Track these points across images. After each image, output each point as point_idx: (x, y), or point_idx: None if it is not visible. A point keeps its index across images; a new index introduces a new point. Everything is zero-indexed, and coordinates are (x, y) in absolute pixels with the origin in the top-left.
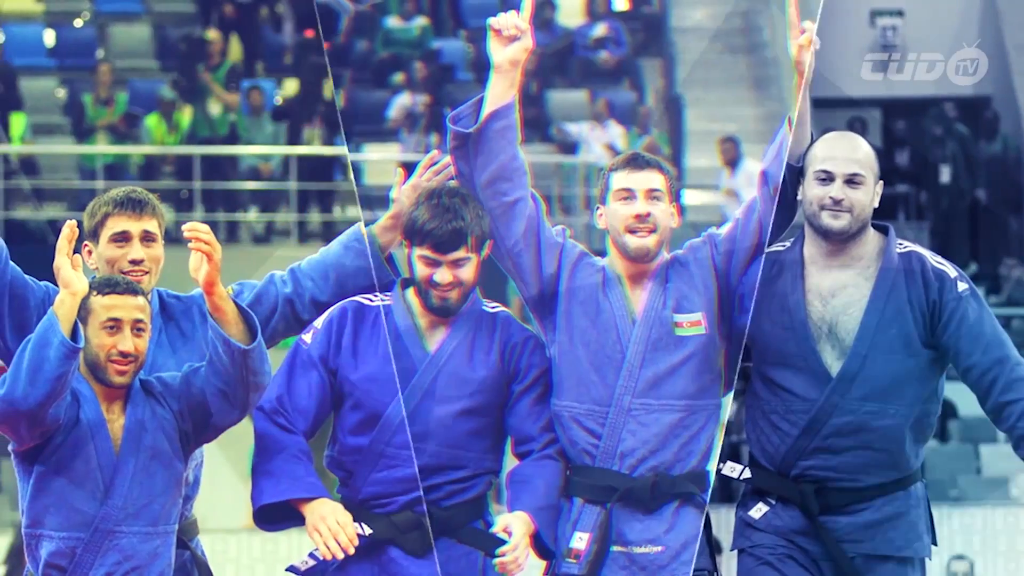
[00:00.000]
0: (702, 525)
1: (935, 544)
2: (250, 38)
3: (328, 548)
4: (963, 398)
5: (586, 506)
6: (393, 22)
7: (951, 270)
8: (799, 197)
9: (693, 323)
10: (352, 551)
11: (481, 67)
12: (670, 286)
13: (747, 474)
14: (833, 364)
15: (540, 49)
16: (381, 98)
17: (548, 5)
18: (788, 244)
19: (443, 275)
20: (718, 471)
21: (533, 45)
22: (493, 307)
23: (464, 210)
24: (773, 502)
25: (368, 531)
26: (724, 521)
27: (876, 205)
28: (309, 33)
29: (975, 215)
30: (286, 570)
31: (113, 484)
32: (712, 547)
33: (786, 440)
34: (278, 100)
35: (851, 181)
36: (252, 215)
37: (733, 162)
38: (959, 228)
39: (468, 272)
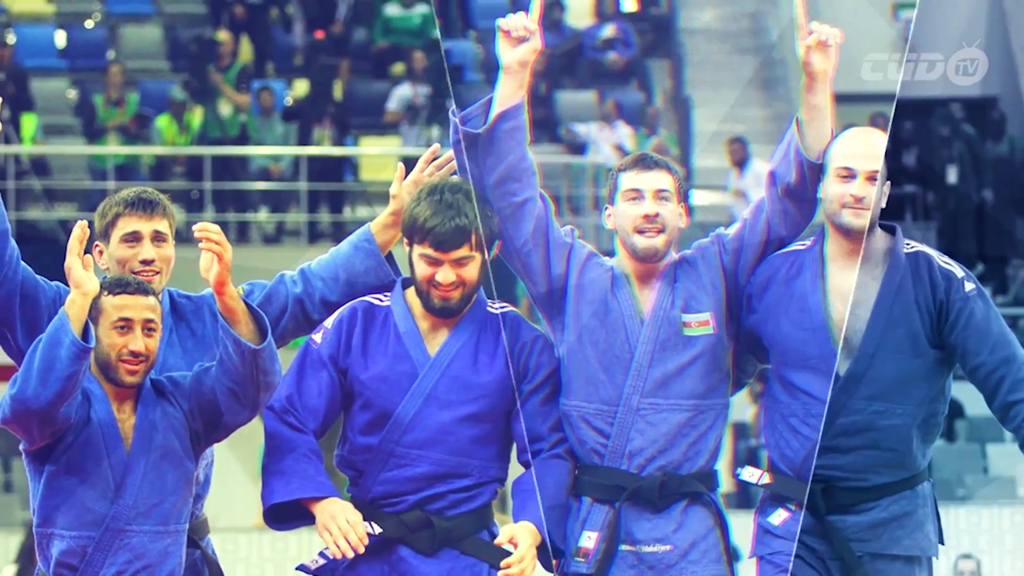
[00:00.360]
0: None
1: (942, 543)
2: (260, 39)
3: (338, 547)
4: (970, 398)
5: (595, 505)
6: (392, 10)
7: (958, 270)
8: (820, 195)
9: (701, 323)
10: (362, 550)
11: (490, 69)
12: (678, 286)
13: (767, 480)
14: (841, 364)
15: (549, 50)
16: (381, 90)
17: (557, 6)
18: (807, 243)
19: (445, 275)
20: (737, 475)
21: (542, 46)
22: (500, 307)
23: (467, 207)
24: (793, 508)
25: (378, 530)
26: (742, 526)
27: (883, 204)
28: (319, 34)
29: (982, 216)
30: (296, 569)
31: (124, 483)
32: (729, 554)
33: (805, 444)
34: (288, 101)
35: (872, 178)
36: (262, 215)
37: (741, 163)
38: (966, 229)
39: (471, 272)
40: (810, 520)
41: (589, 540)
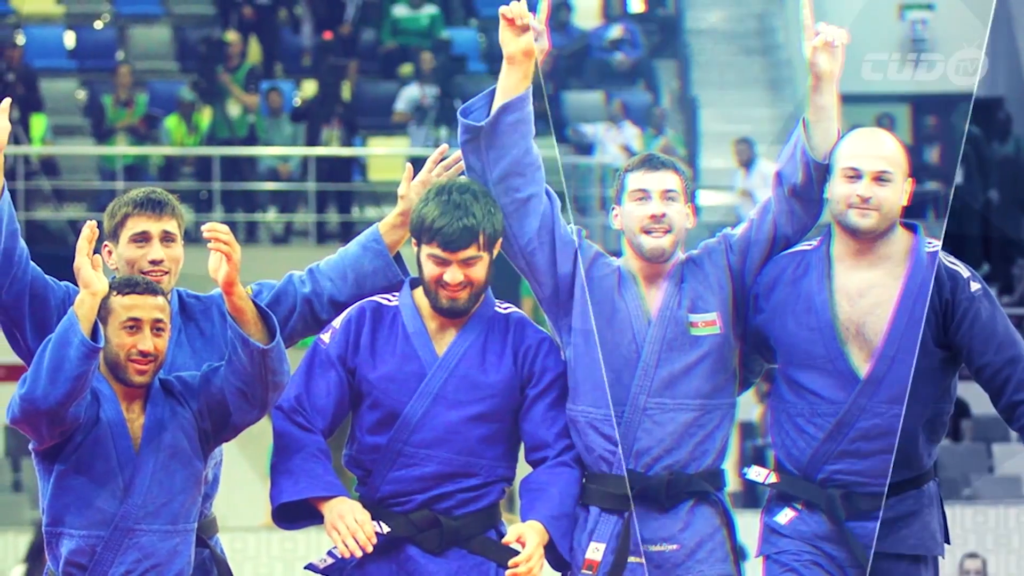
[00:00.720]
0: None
1: (948, 542)
2: (269, 40)
3: (346, 546)
4: (976, 397)
5: (603, 515)
6: (400, 11)
7: (964, 270)
8: (826, 195)
9: (708, 323)
10: (370, 549)
11: (493, 59)
12: (685, 286)
13: (773, 479)
14: (861, 366)
15: (556, 51)
16: (389, 90)
17: (564, 7)
18: (814, 243)
19: (453, 275)
20: (743, 475)
21: (549, 46)
22: (506, 308)
23: (474, 206)
24: (800, 508)
25: (386, 529)
26: (748, 525)
27: (906, 203)
28: (328, 35)
29: (987, 216)
30: (305, 568)
31: (133, 483)
32: (736, 554)
33: (811, 443)
34: (297, 101)
35: (878, 178)
36: (271, 215)
37: (748, 163)
38: (972, 229)
39: (479, 271)
40: (828, 526)
41: (596, 552)
